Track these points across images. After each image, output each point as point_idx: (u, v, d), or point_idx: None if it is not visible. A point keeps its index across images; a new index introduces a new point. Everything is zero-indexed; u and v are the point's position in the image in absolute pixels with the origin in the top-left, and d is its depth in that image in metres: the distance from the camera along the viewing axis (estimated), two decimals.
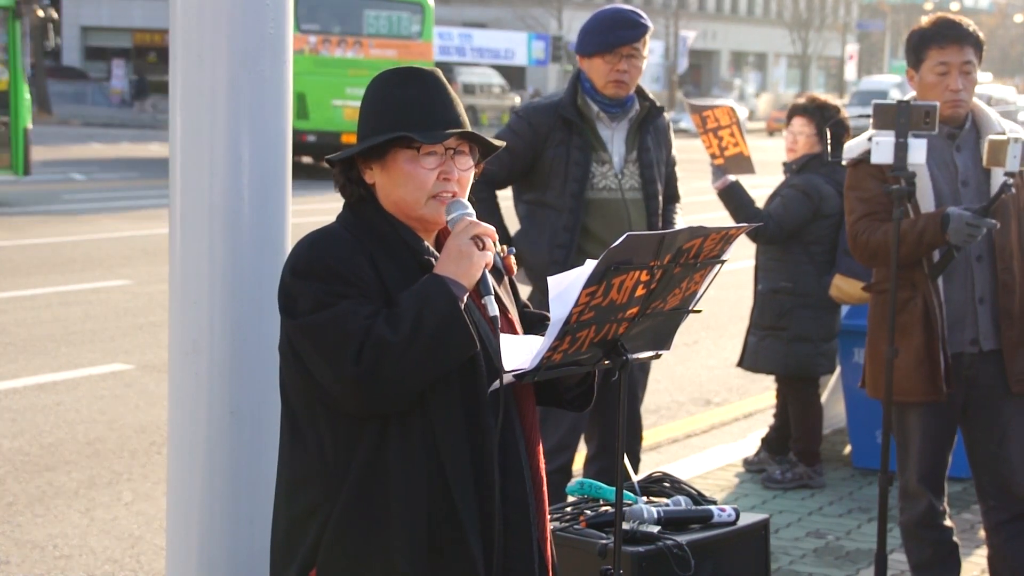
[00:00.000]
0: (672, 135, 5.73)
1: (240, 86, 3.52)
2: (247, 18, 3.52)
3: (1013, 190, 4.60)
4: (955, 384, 4.70)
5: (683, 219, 5.71)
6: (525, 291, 5.54)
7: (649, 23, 5.48)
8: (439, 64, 41.68)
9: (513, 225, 5.61)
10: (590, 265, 2.68)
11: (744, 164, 6.61)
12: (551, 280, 2.72)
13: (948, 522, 4.88)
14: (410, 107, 2.86)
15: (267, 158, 3.58)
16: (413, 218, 2.89)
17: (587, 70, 5.47)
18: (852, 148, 4.83)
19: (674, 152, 5.73)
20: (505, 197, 5.58)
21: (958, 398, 4.76)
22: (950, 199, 4.67)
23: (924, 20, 4.82)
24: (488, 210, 5.37)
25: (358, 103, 3.05)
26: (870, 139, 4.72)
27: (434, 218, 2.88)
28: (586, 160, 5.42)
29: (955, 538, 4.90)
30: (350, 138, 24.45)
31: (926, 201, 4.67)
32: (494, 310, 2.77)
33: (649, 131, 5.56)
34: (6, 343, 10.13)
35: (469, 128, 2.90)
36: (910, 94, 4.89)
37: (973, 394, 4.78)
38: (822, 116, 6.82)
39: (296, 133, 21.58)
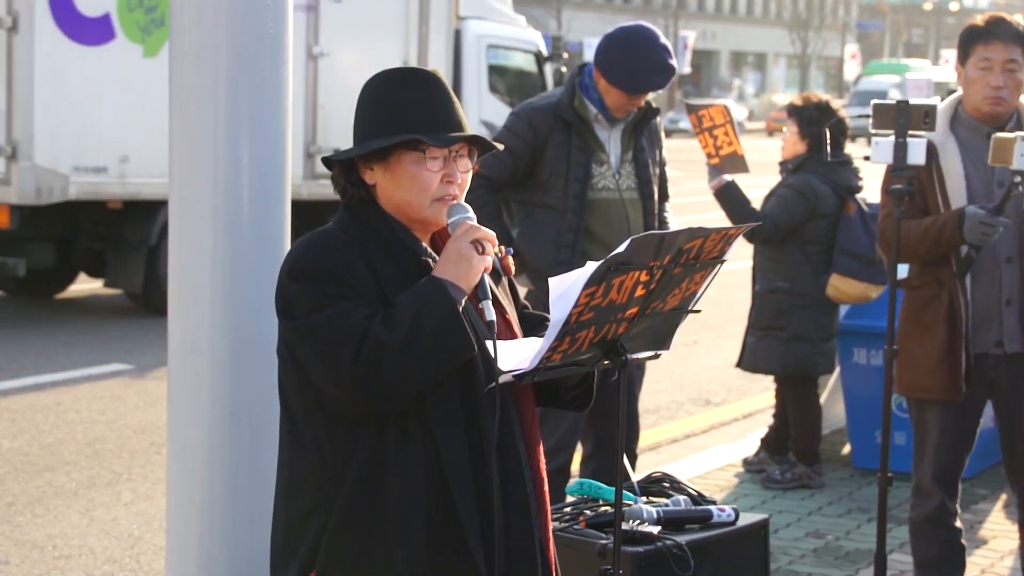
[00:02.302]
0: (663, 135, 5.74)
1: (240, 86, 3.52)
2: (247, 18, 3.52)
3: (1021, 189, 4.56)
4: (976, 385, 4.69)
5: (676, 218, 5.74)
6: (523, 291, 5.55)
7: (676, 63, 5.45)
8: None
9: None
10: (591, 267, 2.68)
11: (738, 163, 6.62)
12: (552, 281, 2.72)
13: (958, 523, 4.87)
14: (413, 108, 2.85)
15: (267, 158, 3.58)
16: (415, 220, 2.89)
17: (602, 89, 5.41)
18: None
19: (664, 152, 5.75)
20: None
21: (979, 399, 4.76)
22: (983, 199, 4.64)
23: (979, 17, 4.81)
24: (492, 214, 5.36)
25: None
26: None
27: (436, 220, 2.89)
28: (587, 160, 5.43)
29: (963, 540, 4.89)
30: None
31: (958, 200, 4.65)
32: (491, 315, 2.77)
33: (644, 132, 5.58)
34: (6, 343, 10.13)
35: (469, 129, 2.90)
36: (941, 96, 4.88)
37: (995, 396, 4.78)
38: (801, 116, 6.85)
39: None
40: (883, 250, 4.85)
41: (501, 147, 3.00)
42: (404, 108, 2.85)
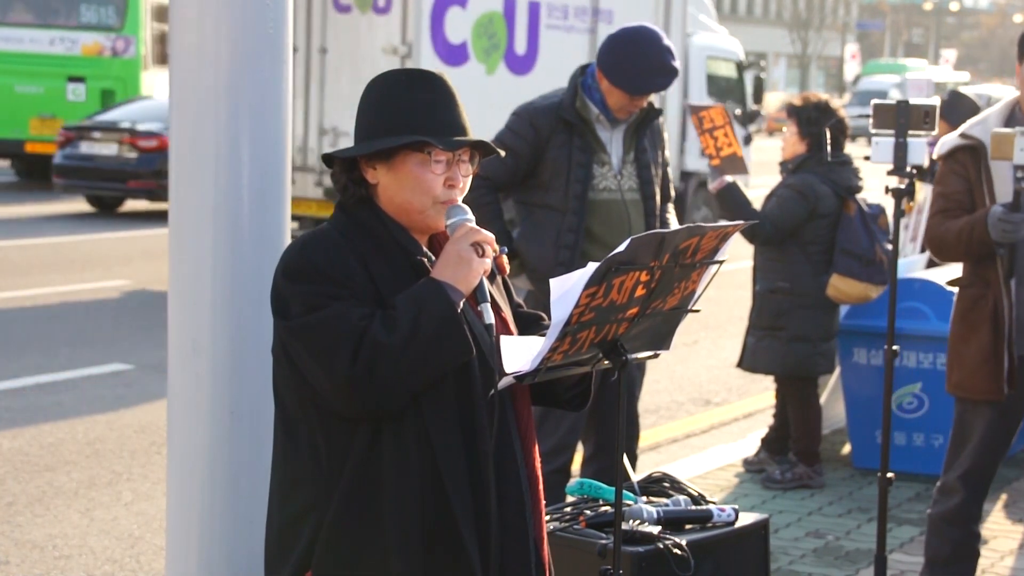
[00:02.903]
0: (666, 136, 5.74)
1: (240, 86, 3.52)
2: (247, 18, 3.52)
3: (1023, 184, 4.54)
4: (1019, 387, 4.67)
5: (677, 219, 5.75)
6: (524, 292, 5.55)
7: (678, 64, 5.45)
8: None
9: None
10: (592, 267, 2.68)
11: (738, 164, 6.63)
12: (554, 282, 2.72)
13: (977, 528, 4.82)
14: (422, 111, 2.85)
15: (267, 158, 3.58)
16: (415, 221, 2.89)
17: (604, 89, 5.40)
18: (944, 143, 4.77)
19: (667, 153, 5.74)
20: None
21: (1021, 402, 4.74)
22: None
23: None
24: (492, 214, 5.36)
25: None
26: (961, 135, 4.67)
27: (435, 223, 2.89)
28: (588, 161, 5.42)
29: (979, 546, 4.86)
30: None
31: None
32: (490, 318, 2.77)
33: (646, 133, 5.57)
34: (6, 343, 10.13)
35: (472, 134, 2.91)
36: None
37: None
38: (800, 116, 6.84)
39: None
40: (930, 249, 4.82)
41: (503, 153, 3.00)
42: (411, 110, 2.85)
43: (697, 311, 2.99)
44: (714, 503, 4.11)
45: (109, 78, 20.41)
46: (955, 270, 7.40)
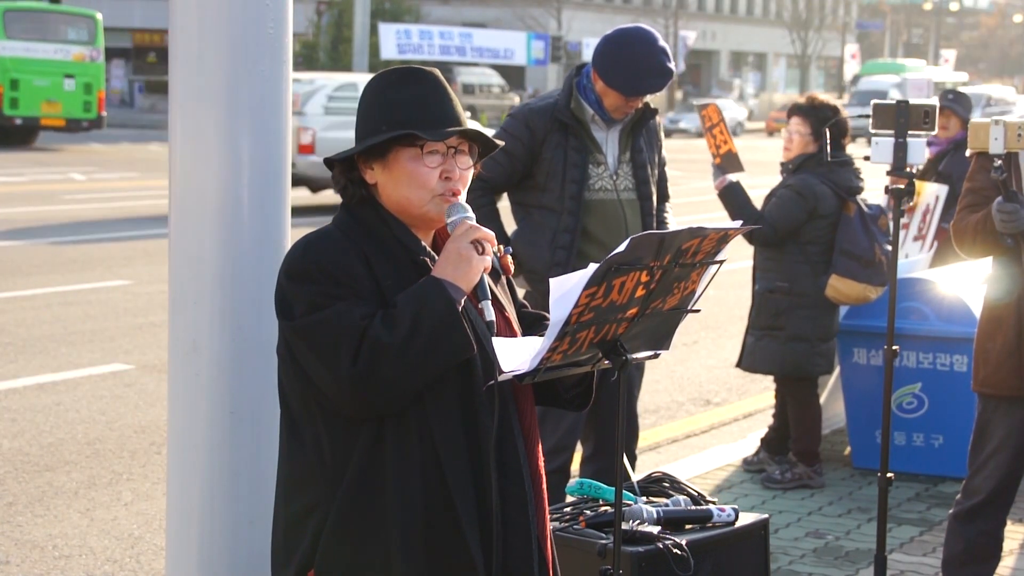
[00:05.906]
0: (663, 136, 5.73)
1: (240, 86, 3.52)
2: (247, 18, 3.52)
3: (1000, 174, 4.54)
4: None
5: (676, 218, 5.73)
6: (521, 292, 5.55)
7: (674, 66, 5.44)
8: (439, 64, 41.76)
9: (509, 228, 5.59)
10: (592, 268, 2.68)
11: (735, 162, 6.63)
12: (553, 282, 2.72)
13: (995, 528, 4.76)
14: (411, 106, 2.86)
15: (267, 158, 3.58)
16: (416, 217, 2.89)
17: (600, 90, 5.38)
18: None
19: (664, 153, 5.74)
20: (503, 198, 5.58)
21: None
22: None
23: None
24: (489, 217, 5.36)
25: None
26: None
27: (436, 217, 2.89)
28: (583, 161, 5.41)
29: (996, 549, 4.79)
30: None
31: None
32: (490, 315, 2.79)
33: (642, 133, 5.56)
34: (6, 343, 10.14)
35: (468, 127, 2.91)
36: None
37: None
38: (817, 116, 6.80)
39: None
40: (956, 244, 4.81)
41: (501, 143, 3.00)
42: (401, 106, 2.86)
43: (697, 311, 2.99)
44: (714, 503, 4.11)
45: (88, 75, 31.14)
46: (954, 271, 7.42)
